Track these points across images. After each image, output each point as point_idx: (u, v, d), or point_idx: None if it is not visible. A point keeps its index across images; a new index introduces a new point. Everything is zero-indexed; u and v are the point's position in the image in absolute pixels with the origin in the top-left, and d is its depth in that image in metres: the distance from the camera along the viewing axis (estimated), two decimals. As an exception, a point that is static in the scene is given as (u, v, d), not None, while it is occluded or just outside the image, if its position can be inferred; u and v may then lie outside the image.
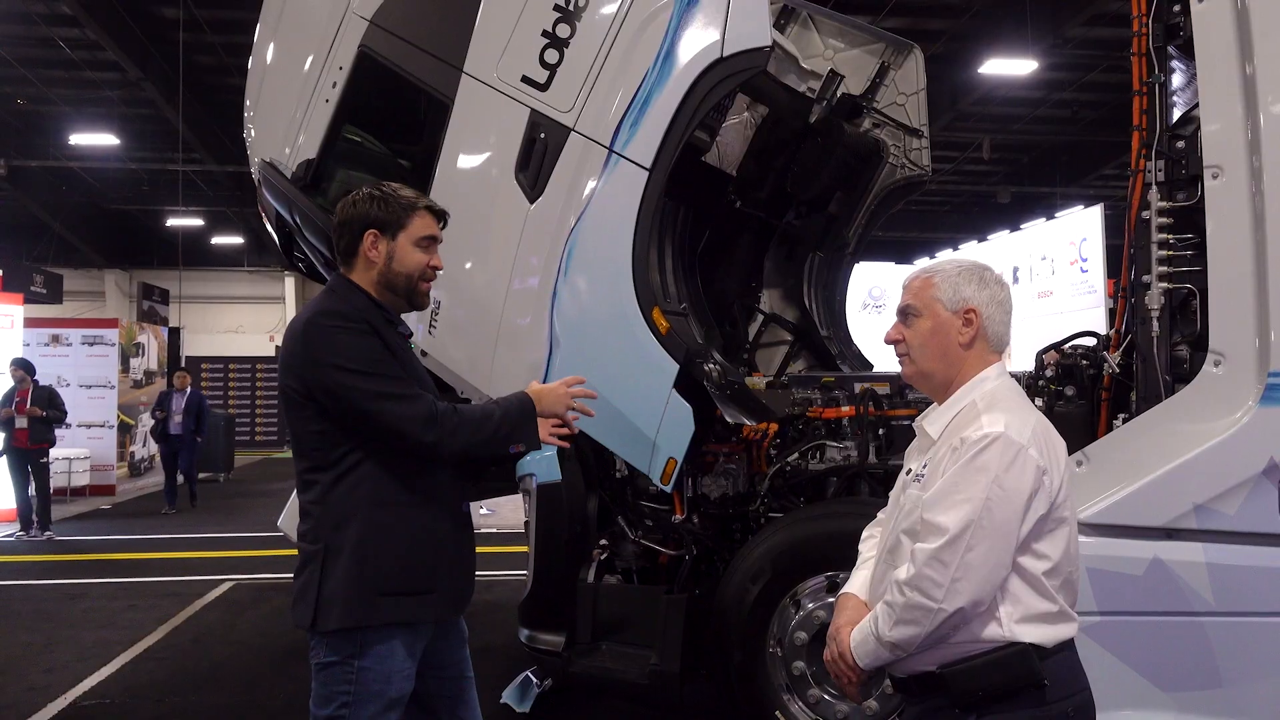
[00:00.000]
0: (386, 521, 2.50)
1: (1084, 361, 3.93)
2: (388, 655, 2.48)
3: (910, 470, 2.21)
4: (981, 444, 1.99)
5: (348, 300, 2.58)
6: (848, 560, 2.40)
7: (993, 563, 1.98)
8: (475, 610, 6.93)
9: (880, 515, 2.38)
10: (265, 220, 5.07)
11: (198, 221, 23.69)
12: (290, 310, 25.09)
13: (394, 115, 4.93)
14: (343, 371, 2.45)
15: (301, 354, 2.50)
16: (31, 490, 10.86)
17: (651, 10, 3.92)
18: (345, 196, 2.70)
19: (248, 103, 5.06)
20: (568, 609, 4.14)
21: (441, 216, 2.71)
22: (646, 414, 3.85)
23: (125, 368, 15.60)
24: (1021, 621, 2.03)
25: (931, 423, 2.19)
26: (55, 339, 14.79)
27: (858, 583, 2.29)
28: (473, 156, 4.27)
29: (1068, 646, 2.09)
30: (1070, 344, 4.16)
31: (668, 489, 3.96)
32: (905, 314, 2.22)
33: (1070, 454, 2.45)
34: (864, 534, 2.40)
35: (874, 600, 2.16)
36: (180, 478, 12.99)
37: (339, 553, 2.47)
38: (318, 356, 2.47)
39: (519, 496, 4.41)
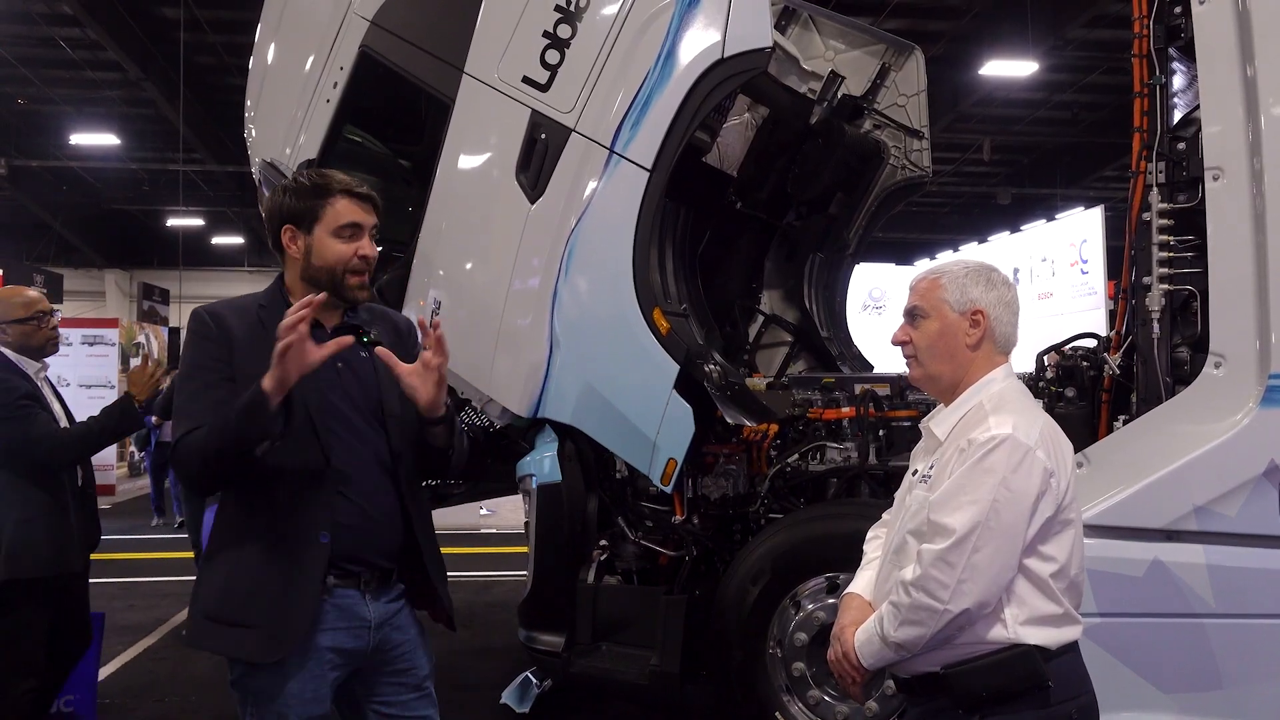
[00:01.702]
0: (225, 543, 2.39)
1: (1084, 363, 3.92)
2: (279, 678, 2.31)
3: (916, 471, 2.20)
4: (989, 445, 2.00)
5: (246, 298, 2.49)
6: (848, 561, 2.40)
7: (999, 564, 1.98)
8: (475, 611, 6.99)
9: (885, 516, 2.37)
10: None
11: (198, 221, 23.69)
12: (290, 310, 25.05)
13: (395, 116, 4.93)
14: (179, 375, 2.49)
15: None
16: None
17: (652, 11, 3.91)
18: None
19: (248, 103, 5.06)
20: (568, 610, 4.13)
21: (367, 200, 2.43)
22: (647, 414, 3.84)
23: (125, 367, 15.59)
24: (1026, 623, 2.03)
25: (938, 424, 2.19)
26: (55, 338, 14.75)
27: (862, 582, 2.28)
28: (473, 157, 4.27)
29: (1072, 649, 2.09)
30: (1071, 345, 4.15)
31: (668, 490, 3.96)
32: (912, 315, 2.22)
33: (1070, 455, 2.45)
34: (869, 534, 2.40)
35: (879, 600, 2.16)
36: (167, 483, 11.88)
37: (202, 566, 2.47)
38: None
39: (519, 497, 4.41)
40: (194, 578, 2.51)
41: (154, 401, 4.06)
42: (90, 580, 4.28)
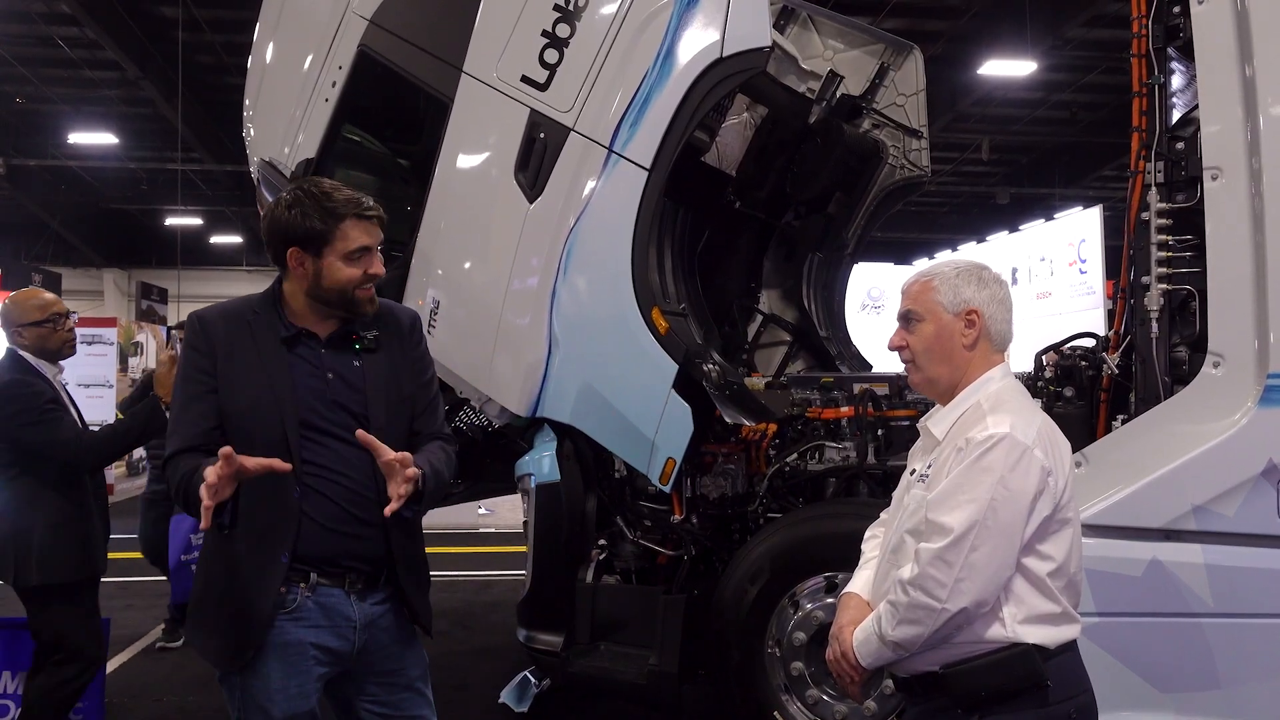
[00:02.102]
0: (206, 552, 2.50)
1: (1083, 362, 3.93)
2: (262, 672, 2.36)
3: (914, 470, 2.21)
4: (987, 444, 2.00)
5: (243, 301, 2.50)
6: (846, 561, 2.40)
7: (997, 563, 1.98)
8: (474, 610, 6.99)
9: (883, 515, 2.38)
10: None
11: (196, 221, 23.68)
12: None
13: (393, 115, 4.92)
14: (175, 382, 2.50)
15: None
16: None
17: (651, 10, 3.91)
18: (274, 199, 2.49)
19: (247, 102, 5.05)
20: (566, 609, 4.13)
21: (374, 218, 2.41)
22: (645, 414, 3.84)
23: (124, 367, 15.57)
24: (1025, 622, 2.03)
25: (936, 423, 2.19)
26: (53, 338, 14.73)
27: (860, 582, 2.29)
28: (472, 156, 4.27)
29: (1070, 648, 2.09)
30: (1069, 345, 4.15)
31: (666, 489, 3.95)
32: (907, 319, 2.22)
33: (1068, 455, 2.45)
34: (867, 534, 2.40)
35: (877, 600, 2.17)
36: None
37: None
38: None
39: (518, 496, 4.41)
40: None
41: None
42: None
